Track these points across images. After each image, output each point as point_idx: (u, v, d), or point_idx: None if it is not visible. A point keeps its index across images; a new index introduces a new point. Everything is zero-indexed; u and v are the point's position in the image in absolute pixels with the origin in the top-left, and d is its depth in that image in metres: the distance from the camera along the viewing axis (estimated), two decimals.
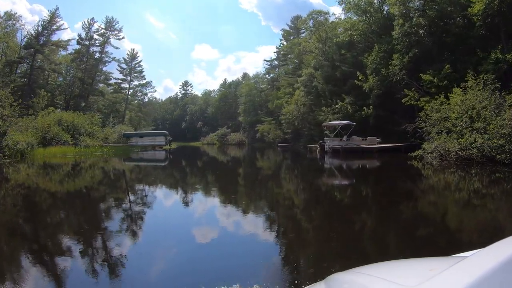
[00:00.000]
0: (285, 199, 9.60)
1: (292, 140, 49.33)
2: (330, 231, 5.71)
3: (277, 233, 5.68)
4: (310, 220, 6.77)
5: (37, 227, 6.19)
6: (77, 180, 12.89)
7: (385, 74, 26.83)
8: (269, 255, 4.47)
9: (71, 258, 4.23)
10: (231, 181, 13.33)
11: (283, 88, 55.99)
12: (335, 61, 34.80)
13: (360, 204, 8.44)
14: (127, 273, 3.82)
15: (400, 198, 8.78)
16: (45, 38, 42.69)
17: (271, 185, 12.08)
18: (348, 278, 0.99)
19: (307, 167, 19.31)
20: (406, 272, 0.96)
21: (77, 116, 27.61)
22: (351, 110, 30.06)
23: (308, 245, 4.98)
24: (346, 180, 13.60)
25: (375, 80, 27.54)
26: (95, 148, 25.34)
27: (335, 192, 10.49)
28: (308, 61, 44.44)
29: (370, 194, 10.12)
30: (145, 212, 7.61)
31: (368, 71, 28.49)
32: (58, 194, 9.98)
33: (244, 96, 71.91)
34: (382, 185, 11.59)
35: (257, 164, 22.40)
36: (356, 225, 6.24)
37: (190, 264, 4.07)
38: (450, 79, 22.21)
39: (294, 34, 69.18)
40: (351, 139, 26.06)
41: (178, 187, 12.18)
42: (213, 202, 9.13)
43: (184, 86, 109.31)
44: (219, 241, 5.15)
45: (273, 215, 7.28)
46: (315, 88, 39.11)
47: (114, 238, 5.25)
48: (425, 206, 8.04)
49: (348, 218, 6.79)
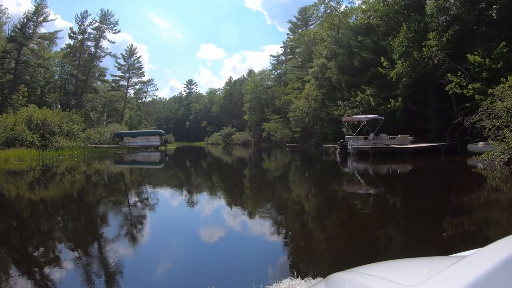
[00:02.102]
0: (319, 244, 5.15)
1: (301, 139, 44.78)
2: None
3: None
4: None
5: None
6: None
7: (417, 57, 22.17)
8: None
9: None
10: (235, 199, 9.01)
11: (291, 83, 51.51)
12: (352, 47, 30.16)
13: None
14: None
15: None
16: (31, 30, 38.95)
17: (290, 214, 7.69)
18: (349, 277, 0.98)
19: (332, 176, 13.81)
20: (406, 271, 0.96)
21: (51, 113, 23.57)
22: (374, 103, 25.39)
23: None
24: (406, 204, 7.67)
25: (404, 66, 22.86)
26: (66, 150, 21.27)
27: (396, 229, 5.97)
28: (319, 51, 39.84)
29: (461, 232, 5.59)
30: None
31: (395, 55, 23.83)
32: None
33: (250, 93, 67.90)
34: (470, 216, 6.85)
35: (266, 170, 17.99)
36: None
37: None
38: (506, 60, 17.53)
39: (302, 26, 64.79)
40: (379, 138, 21.34)
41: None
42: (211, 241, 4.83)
43: (189, 84, 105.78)
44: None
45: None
46: (328, 80, 34.52)
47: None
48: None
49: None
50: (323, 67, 35.39)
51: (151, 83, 70.78)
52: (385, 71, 24.81)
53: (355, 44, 29.87)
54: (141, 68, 62.93)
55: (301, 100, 40.72)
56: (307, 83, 40.41)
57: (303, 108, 40.06)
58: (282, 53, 70.31)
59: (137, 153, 31.85)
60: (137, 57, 62.37)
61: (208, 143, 73.24)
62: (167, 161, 24.94)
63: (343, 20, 38.66)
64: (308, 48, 49.06)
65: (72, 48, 47.61)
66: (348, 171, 15.29)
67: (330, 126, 34.09)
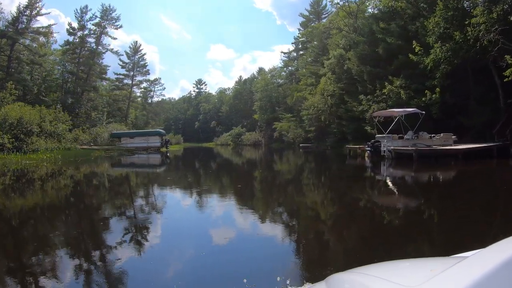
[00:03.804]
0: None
1: (315, 140, 41.05)
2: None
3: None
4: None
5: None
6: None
7: (460, 39, 18.25)
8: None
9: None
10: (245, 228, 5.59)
11: (304, 79, 47.81)
12: (374, 34, 26.29)
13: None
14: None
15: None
16: (24, 25, 36.46)
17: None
18: (349, 278, 0.97)
19: (374, 190, 9.70)
20: (407, 272, 0.95)
21: (29, 111, 20.54)
22: (405, 96, 21.44)
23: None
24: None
25: (443, 50, 18.94)
26: (40, 153, 18.16)
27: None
28: (335, 42, 36.00)
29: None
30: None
31: (430, 38, 19.90)
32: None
33: (260, 92, 64.76)
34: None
35: (285, 177, 14.37)
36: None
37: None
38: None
39: (314, 20, 61.02)
40: (420, 137, 17.34)
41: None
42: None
43: (198, 84, 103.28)
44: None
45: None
46: (347, 73, 30.69)
47: None
48: None
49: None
50: (340, 59, 31.60)
51: (158, 82, 68.19)
52: (418, 59, 20.92)
53: (378, 30, 25.98)
54: (145, 65, 60.32)
55: (316, 96, 36.95)
56: (322, 77, 36.61)
57: (318, 105, 36.28)
58: (294, 49, 66.76)
59: (133, 155, 28.65)
60: (141, 55, 59.81)
61: (217, 144, 70.54)
62: (166, 167, 21.43)
63: (361, 7, 34.84)
64: (322, 41, 45.33)
65: (71, 44, 45.16)
66: (393, 182, 11.43)
67: (349, 125, 30.23)
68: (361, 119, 27.34)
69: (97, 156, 22.71)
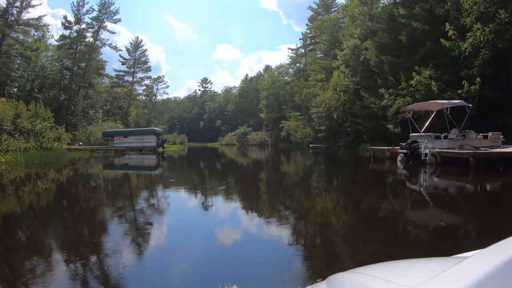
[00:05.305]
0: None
1: (326, 140, 38.00)
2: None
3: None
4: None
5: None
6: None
7: (506, 18, 15.14)
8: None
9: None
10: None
11: (314, 75, 44.83)
12: (396, 19, 23.20)
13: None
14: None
15: None
16: (13, 17, 34.17)
17: None
18: (350, 278, 0.97)
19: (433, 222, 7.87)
20: (407, 272, 0.94)
21: (2, 106, 17.94)
22: (437, 88, 18.26)
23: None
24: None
25: (486, 32, 15.80)
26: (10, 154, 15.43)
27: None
28: (349, 32, 32.92)
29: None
30: None
31: (468, 18, 16.76)
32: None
33: (266, 89, 62.10)
34: None
35: (299, 189, 11.36)
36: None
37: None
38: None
39: (323, 13, 57.79)
40: (467, 137, 14.10)
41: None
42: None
43: (203, 83, 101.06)
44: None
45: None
46: (363, 65, 27.61)
47: None
48: None
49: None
50: (355, 49, 28.56)
51: (161, 80, 65.62)
52: (451, 44, 17.81)
53: (401, 15, 22.87)
54: (147, 62, 57.78)
55: (328, 92, 33.89)
56: (334, 71, 33.55)
57: (330, 102, 33.23)
58: (301, 46, 63.60)
59: (122, 156, 25.87)
60: (142, 51, 57.33)
61: (222, 144, 68.07)
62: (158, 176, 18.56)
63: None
64: (333, 34, 42.30)
65: (67, 39, 42.85)
66: (461, 201, 8.43)
67: (365, 123, 27.10)
68: (379, 116, 24.26)
69: (79, 158, 19.95)
